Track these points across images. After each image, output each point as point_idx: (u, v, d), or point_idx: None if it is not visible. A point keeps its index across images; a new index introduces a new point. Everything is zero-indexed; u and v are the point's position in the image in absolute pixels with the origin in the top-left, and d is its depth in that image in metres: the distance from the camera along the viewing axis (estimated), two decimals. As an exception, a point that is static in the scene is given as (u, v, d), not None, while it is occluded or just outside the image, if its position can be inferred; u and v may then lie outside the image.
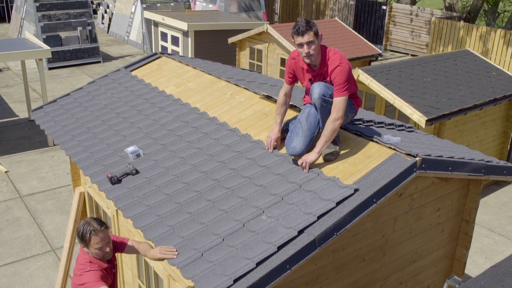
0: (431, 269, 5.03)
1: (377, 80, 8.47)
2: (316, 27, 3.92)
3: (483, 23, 23.71)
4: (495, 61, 16.41)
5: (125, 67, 6.69)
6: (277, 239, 3.32)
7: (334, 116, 3.90)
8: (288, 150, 4.08)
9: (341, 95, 3.91)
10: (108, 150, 4.87)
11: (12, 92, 14.85)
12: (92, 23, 18.18)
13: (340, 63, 3.94)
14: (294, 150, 4.04)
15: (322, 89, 3.92)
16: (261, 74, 6.92)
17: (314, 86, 3.97)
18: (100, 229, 3.57)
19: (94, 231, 3.55)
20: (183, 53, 14.61)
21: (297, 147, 4.03)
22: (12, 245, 7.66)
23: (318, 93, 3.91)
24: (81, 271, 3.61)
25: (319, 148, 3.91)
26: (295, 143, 4.05)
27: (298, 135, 4.07)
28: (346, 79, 3.92)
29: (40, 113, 6.07)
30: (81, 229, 3.58)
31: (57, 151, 10.97)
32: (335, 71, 3.94)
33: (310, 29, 3.88)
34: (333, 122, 3.89)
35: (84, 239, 3.57)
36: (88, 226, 3.57)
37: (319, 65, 4.04)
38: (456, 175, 4.12)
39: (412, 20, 20.03)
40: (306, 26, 3.87)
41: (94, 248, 3.59)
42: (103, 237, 3.59)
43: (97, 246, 3.58)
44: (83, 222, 3.61)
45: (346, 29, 14.00)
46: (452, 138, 8.70)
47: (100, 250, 3.61)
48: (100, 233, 3.57)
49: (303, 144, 4.03)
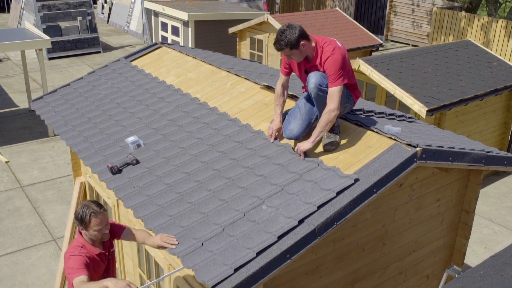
0: (430, 258, 5.04)
1: (377, 70, 8.45)
2: (292, 40, 3.83)
3: (485, 13, 23.60)
4: (496, 52, 16.35)
5: (125, 57, 6.67)
6: (277, 228, 3.33)
7: (330, 107, 3.87)
8: (285, 132, 4.10)
9: (334, 85, 3.88)
10: (109, 140, 4.87)
11: (12, 82, 14.82)
12: (92, 13, 18.11)
13: (332, 53, 3.90)
14: (291, 132, 4.07)
15: (318, 78, 3.90)
16: (261, 64, 6.91)
17: (310, 76, 3.96)
18: (100, 211, 3.62)
19: (94, 213, 3.59)
20: (184, 43, 14.57)
21: (294, 129, 4.06)
22: (13, 234, 7.68)
23: (314, 83, 3.90)
24: (69, 254, 3.64)
25: (314, 137, 3.92)
26: (292, 126, 4.07)
27: (296, 118, 4.08)
28: (338, 68, 3.88)
29: (40, 103, 6.07)
30: (80, 211, 3.61)
31: (58, 141, 10.97)
32: (326, 62, 3.92)
33: (283, 47, 3.87)
34: (328, 113, 3.87)
35: (84, 221, 3.60)
36: (87, 208, 3.60)
37: (313, 57, 4.02)
38: (456, 165, 4.12)
39: (414, 11, 19.94)
40: (279, 45, 3.87)
41: (93, 230, 3.63)
42: (102, 218, 3.64)
43: (97, 228, 3.62)
44: (81, 205, 3.64)
45: (347, 19, 13.94)
46: (453, 128, 8.69)
47: (99, 231, 3.65)
48: (100, 215, 3.62)
49: (300, 127, 4.04)
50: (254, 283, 3.12)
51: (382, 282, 4.60)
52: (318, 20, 13.37)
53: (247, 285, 3.09)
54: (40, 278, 6.76)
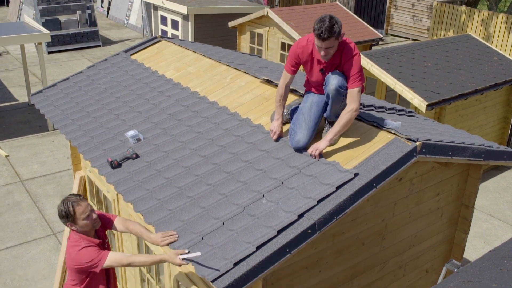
0: (430, 253, 5.05)
1: (377, 64, 8.44)
2: (339, 27, 3.69)
3: (485, 7, 23.54)
4: (496, 46, 16.32)
5: (125, 51, 6.66)
6: (277, 223, 3.33)
7: (352, 107, 3.82)
8: (292, 143, 4.03)
9: (356, 86, 3.83)
10: (108, 134, 4.87)
11: (12, 76, 14.80)
12: (91, 6, 18.05)
13: (355, 53, 3.85)
14: (298, 144, 3.98)
15: (340, 80, 3.82)
16: (261, 58, 6.89)
17: (331, 76, 3.87)
18: (79, 198, 3.64)
19: (75, 202, 3.61)
20: (183, 37, 14.53)
21: (301, 140, 3.97)
22: (13, 229, 7.69)
23: (335, 84, 3.82)
24: (78, 248, 3.62)
25: (330, 136, 3.85)
26: (299, 137, 3.98)
27: (301, 127, 3.99)
28: (360, 69, 3.85)
29: (40, 97, 6.06)
30: (61, 207, 3.62)
31: (57, 135, 10.97)
32: (349, 62, 3.84)
33: (331, 36, 3.66)
34: (350, 113, 3.82)
35: (69, 213, 3.60)
36: (66, 202, 3.62)
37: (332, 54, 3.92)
38: (456, 160, 4.12)
39: (414, 5, 19.89)
40: (329, 33, 3.63)
41: (81, 219, 3.62)
42: (85, 204, 3.64)
43: (84, 216, 3.61)
44: (60, 203, 3.65)
45: (347, 13, 13.91)
46: (453, 123, 8.69)
47: (88, 218, 3.64)
48: (81, 202, 3.63)
49: (307, 137, 3.97)
50: (254, 277, 3.12)
51: (382, 276, 4.61)
52: (318, 14, 13.33)
53: (247, 279, 3.10)
54: (40, 272, 6.78)
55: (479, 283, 2.53)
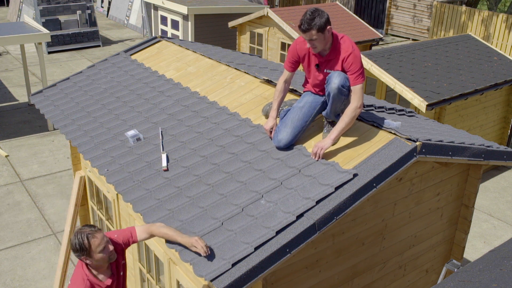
0: (430, 253, 5.05)
1: (377, 64, 8.44)
2: (321, 22, 3.71)
3: (485, 7, 23.53)
4: (496, 46, 16.32)
5: (125, 51, 6.65)
6: (275, 224, 3.33)
7: (355, 105, 3.80)
8: (274, 141, 4.02)
9: (358, 83, 3.82)
10: (108, 134, 4.87)
11: (12, 76, 14.80)
12: (91, 6, 18.05)
13: (353, 49, 3.83)
14: (279, 143, 3.98)
15: (342, 79, 3.80)
16: (261, 58, 6.89)
17: (333, 75, 3.84)
18: (94, 229, 3.31)
19: (90, 234, 3.27)
20: (183, 37, 14.53)
21: (283, 139, 3.96)
22: (13, 228, 7.69)
23: (337, 83, 3.80)
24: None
25: (335, 134, 3.81)
26: (281, 135, 3.97)
27: (287, 126, 3.98)
28: (361, 65, 3.84)
29: (40, 97, 6.06)
30: (75, 240, 3.27)
31: (57, 135, 10.97)
32: (349, 58, 3.82)
33: (311, 28, 3.70)
34: (354, 111, 3.80)
35: (84, 246, 3.26)
36: (81, 234, 3.28)
37: (328, 50, 3.92)
38: (456, 160, 4.12)
39: (414, 5, 19.88)
40: (308, 25, 3.71)
41: (97, 253, 3.30)
42: (101, 236, 3.31)
43: (100, 248, 3.29)
44: (74, 234, 3.31)
45: (347, 13, 13.90)
46: (453, 123, 8.69)
47: (104, 251, 3.33)
48: (97, 233, 3.30)
49: (290, 136, 3.96)
50: (253, 277, 3.12)
51: (382, 276, 4.61)
52: (318, 14, 13.30)
53: (247, 279, 3.10)
54: (40, 272, 6.78)
55: (479, 283, 2.53)
